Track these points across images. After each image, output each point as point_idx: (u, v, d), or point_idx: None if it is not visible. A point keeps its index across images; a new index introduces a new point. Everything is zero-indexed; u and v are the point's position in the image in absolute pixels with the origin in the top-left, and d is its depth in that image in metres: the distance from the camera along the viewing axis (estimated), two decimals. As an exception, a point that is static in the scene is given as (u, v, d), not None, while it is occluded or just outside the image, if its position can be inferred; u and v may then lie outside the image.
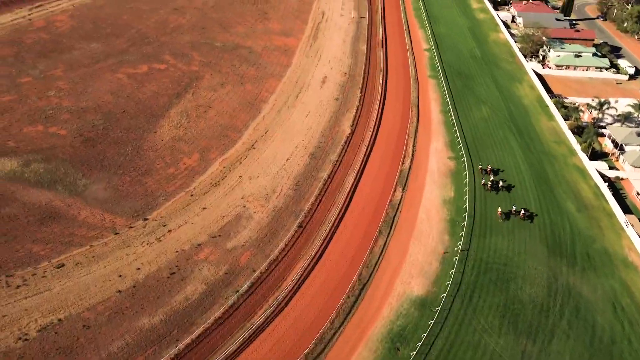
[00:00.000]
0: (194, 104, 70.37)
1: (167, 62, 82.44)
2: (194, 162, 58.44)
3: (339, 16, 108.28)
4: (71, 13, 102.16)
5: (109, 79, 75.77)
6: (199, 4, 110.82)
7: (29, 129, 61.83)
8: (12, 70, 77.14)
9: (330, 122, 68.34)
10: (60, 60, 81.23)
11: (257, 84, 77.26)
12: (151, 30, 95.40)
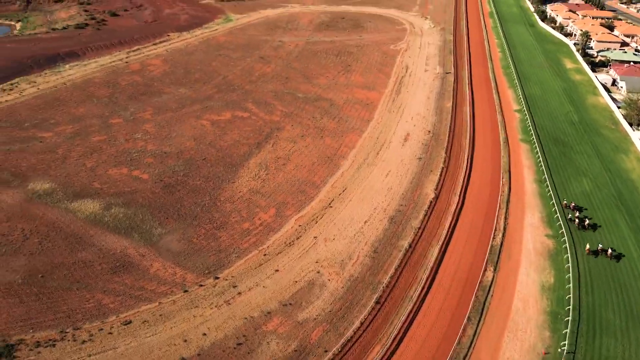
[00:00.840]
0: (274, 155, 69.19)
1: (250, 111, 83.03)
2: (270, 217, 56.17)
3: (423, 71, 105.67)
4: (164, 58, 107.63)
5: (192, 125, 77.08)
6: (284, 54, 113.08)
7: (114, 171, 63.04)
8: (105, 110, 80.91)
9: (412, 184, 64.11)
10: (150, 103, 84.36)
11: (337, 138, 75.18)
12: (237, 77, 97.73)
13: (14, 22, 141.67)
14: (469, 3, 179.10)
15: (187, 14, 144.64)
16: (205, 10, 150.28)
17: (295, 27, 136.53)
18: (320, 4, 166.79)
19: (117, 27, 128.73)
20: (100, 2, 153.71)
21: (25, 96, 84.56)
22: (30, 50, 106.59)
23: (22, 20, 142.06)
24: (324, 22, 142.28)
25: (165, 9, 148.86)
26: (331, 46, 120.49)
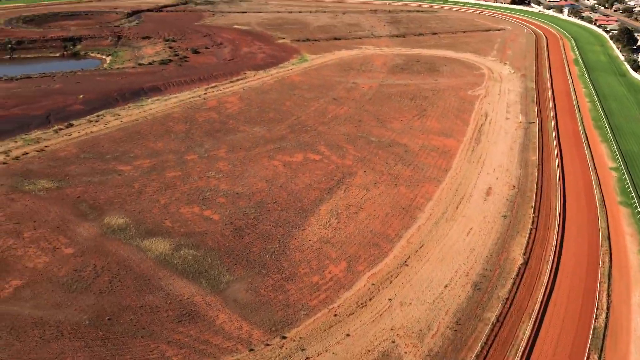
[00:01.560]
0: (345, 202, 66.18)
1: (322, 154, 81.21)
2: (340, 272, 52.59)
3: (504, 119, 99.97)
4: (241, 95, 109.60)
5: (265, 165, 76.17)
6: (357, 96, 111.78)
7: (186, 210, 62.56)
8: (181, 146, 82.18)
9: (497, 246, 58.36)
10: (225, 141, 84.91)
11: (413, 187, 71.11)
12: (310, 118, 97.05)
13: (105, 56, 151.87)
14: (551, 49, 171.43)
15: (264, 52, 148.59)
16: (282, 49, 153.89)
17: (369, 69, 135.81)
18: (395, 47, 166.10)
19: (198, 64, 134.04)
20: (184, 40, 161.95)
21: (109, 128, 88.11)
22: (117, 84, 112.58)
23: (112, 54, 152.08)
24: (398, 65, 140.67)
25: (243, 48, 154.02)
26: (405, 89, 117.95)
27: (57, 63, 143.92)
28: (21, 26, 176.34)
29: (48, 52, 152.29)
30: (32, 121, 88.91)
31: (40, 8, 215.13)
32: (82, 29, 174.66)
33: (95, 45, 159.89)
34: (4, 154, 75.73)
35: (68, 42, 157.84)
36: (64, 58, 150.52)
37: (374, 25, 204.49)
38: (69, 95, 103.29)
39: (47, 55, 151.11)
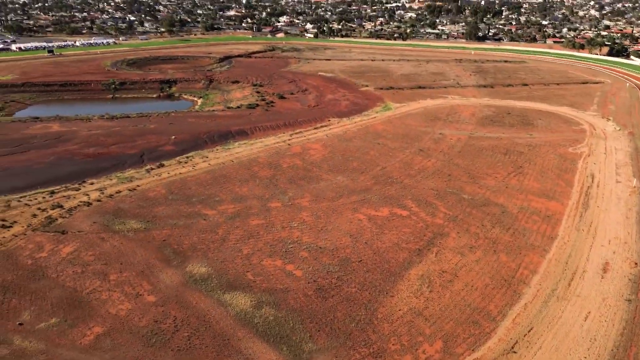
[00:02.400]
0: (438, 268, 60.19)
1: (409, 209, 76.17)
2: (436, 353, 46.37)
3: (615, 182, 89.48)
4: (324, 143, 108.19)
5: (349, 218, 72.42)
6: (445, 148, 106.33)
7: (268, 262, 59.81)
8: (265, 192, 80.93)
9: (624, 337, 49.26)
10: (308, 189, 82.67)
11: (514, 255, 63.61)
12: (396, 170, 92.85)
13: (197, 98, 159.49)
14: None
15: (348, 100, 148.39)
16: (365, 97, 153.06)
17: (457, 119, 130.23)
18: (483, 97, 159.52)
19: (283, 109, 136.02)
20: (270, 85, 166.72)
21: (197, 170, 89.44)
22: (207, 126, 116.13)
23: (203, 97, 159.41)
24: (488, 117, 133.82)
25: (327, 94, 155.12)
26: (497, 143, 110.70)
27: (153, 103, 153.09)
28: (125, 68, 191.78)
29: (146, 93, 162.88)
30: (127, 160, 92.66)
31: (142, 52, 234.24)
32: (178, 72, 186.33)
33: (188, 87, 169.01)
34: (99, 191, 78.52)
35: (164, 84, 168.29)
36: (160, 99, 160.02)
37: (459, 74, 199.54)
38: (162, 135, 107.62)
39: (146, 95, 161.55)
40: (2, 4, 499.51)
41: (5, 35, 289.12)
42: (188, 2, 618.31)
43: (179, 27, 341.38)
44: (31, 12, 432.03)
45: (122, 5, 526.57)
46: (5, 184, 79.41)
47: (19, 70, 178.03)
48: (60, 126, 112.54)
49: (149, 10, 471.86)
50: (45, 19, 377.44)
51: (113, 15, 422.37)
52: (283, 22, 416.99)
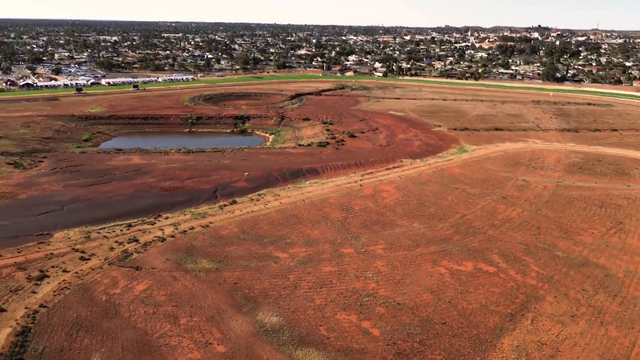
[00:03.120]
0: (535, 338, 52.95)
1: (496, 265, 69.29)
2: None
3: None
4: (397, 185, 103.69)
5: (429, 271, 66.83)
6: (531, 196, 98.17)
7: (342, 316, 55.51)
8: (337, 236, 77.38)
9: None
10: (382, 235, 78.18)
11: (627, 330, 54.95)
12: (477, 218, 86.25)
13: (268, 134, 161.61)
14: None
15: (420, 140, 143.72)
16: (438, 138, 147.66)
17: (541, 165, 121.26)
18: (567, 142, 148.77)
19: (354, 148, 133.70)
20: (341, 123, 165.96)
21: (268, 209, 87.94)
22: (278, 163, 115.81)
23: (274, 133, 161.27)
24: (576, 164, 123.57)
25: (399, 134, 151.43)
26: (590, 194, 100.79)
27: (227, 138, 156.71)
28: (202, 103, 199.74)
29: (221, 128, 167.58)
30: (201, 195, 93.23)
31: (218, 88, 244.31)
32: (251, 108, 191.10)
33: (261, 124, 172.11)
34: (173, 226, 78.66)
35: (238, 120, 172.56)
36: (233, 134, 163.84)
37: (538, 117, 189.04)
38: (236, 171, 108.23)
39: (220, 130, 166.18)
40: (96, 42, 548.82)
41: (96, 70, 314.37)
42: (261, 41, 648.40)
43: (253, 65, 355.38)
44: (120, 50, 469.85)
45: (201, 44, 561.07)
46: (87, 214, 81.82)
47: (107, 104, 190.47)
48: (141, 159, 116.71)
49: (225, 49, 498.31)
50: (132, 56, 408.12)
51: (193, 54, 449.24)
52: (352, 60, 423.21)
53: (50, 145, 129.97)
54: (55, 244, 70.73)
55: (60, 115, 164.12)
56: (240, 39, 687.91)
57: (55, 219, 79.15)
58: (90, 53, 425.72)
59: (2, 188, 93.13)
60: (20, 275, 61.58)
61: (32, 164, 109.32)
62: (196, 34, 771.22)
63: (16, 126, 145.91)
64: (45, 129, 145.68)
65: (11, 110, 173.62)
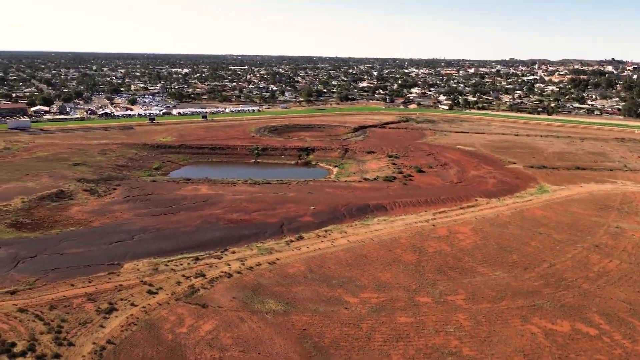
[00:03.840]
0: None
1: (598, 326, 60.56)
2: None
3: None
4: (474, 226, 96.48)
5: (518, 330, 59.37)
6: (629, 246, 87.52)
7: (424, 378, 49.57)
8: (411, 282, 71.66)
9: None
10: (461, 283, 71.48)
11: None
12: (568, 269, 77.38)
13: (332, 167, 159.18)
14: None
15: (495, 178, 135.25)
16: (514, 176, 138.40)
17: (635, 210, 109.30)
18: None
19: (423, 184, 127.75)
20: (407, 157, 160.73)
21: (336, 247, 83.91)
22: (344, 198, 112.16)
23: (339, 166, 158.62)
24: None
25: (470, 170, 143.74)
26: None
27: (292, 170, 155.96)
28: (267, 135, 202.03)
29: (285, 160, 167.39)
30: (267, 229, 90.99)
31: (283, 120, 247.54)
32: (315, 140, 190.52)
33: (325, 156, 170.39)
34: (240, 261, 76.41)
35: (302, 152, 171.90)
36: (297, 166, 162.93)
37: (624, 156, 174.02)
38: (302, 205, 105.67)
39: (285, 162, 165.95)
40: (169, 74, 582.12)
41: (168, 101, 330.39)
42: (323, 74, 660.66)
43: (316, 97, 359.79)
44: (190, 82, 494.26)
45: (265, 77, 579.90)
46: (156, 244, 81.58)
47: (177, 133, 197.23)
48: (209, 189, 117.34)
49: (288, 81, 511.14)
50: (201, 88, 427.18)
51: (258, 85, 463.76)
52: (415, 93, 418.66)
53: (124, 173, 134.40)
54: (124, 275, 70.29)
55: (133, 144, 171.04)
56: (303, 71, 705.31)
57: (126, 249, 79.37)
58: (163, 84, 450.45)
59: (78, 215, 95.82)
60: (90, 306, 60.98)
61: (106, 191, 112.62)
62: (261, 67, 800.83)
63: (94, 153, 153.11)
64: (119, 157, 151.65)
65: (90, 137, 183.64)
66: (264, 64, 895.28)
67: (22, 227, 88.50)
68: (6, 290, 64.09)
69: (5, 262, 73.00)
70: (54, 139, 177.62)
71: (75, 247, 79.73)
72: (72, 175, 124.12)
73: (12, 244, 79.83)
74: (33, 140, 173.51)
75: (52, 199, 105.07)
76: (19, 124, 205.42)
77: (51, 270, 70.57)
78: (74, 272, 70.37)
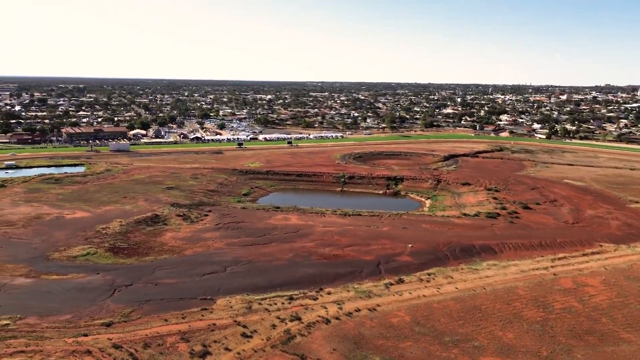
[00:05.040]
0: None
1: None
2: None
3: None
4: (605, 278, 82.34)
5: None
6: None
7: None
8: (541, 347, 60.35)
9: None
10: (604, 354, 58.93)
11: None
12: None
13: (424, 199, 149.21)
14: None
15: (617, 219, 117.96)
16: None
17: None
18: None
19: (532, 223, 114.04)
20: (508, 191, 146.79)
21: (442, 294, 74.42)
22: (444, 235, 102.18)
23: (431, 198, 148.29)
24: None
25: (586, 209, 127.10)
26: None
27: (380, 200, 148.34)
28: (352, 162, 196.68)
29: (373, 189, 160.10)
30: (363, 267, 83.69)
31: (367, 147, 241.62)
32: (403, 169, 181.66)
33: (415, 186, 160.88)
34: (337, 305, 69.55)
35: (391, 181, 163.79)
36: (386, 196, 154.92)
37: None
38: (397, 241, 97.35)
39: (372, 191, 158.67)
40: (254, 100, 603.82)
41: (254, 126, 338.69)
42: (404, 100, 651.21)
43: (399, 123, 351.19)
44: (274, 107, 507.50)
45: (346, 103, 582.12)
46: (248, 279, 77.28)
47: (264, 159, 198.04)
48: (298, 219, 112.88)
49: (369, 107, 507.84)
50: (284, 114, 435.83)
51: (339, 112, 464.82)
52: (505, 120, 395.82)
53: (215, 199, 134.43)
54: (217, 312, 66.05)
55: (223, 169, 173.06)
56: (383, 97, 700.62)
57: (218, 282, 75.76)
58: (249, 110, 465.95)
59: (172, 242, 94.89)
60: (183, 347, 56.91)
61: (198, 217, 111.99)
62: (340, 93, 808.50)
63: (186, 177, 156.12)
64: (210, 181, 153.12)
65: (182, 161, 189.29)
66: (343, 90, 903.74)
67: (119, 252, 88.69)
68: (102, 322, 62.12)
69: (103, 289, 72.06)
70: (150, 162, 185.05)
71: (169, 276, 77.55)
72: (166, 199, 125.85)
73: (109, 270, 79.45)
74: (131, 162, 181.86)
75: (148, 223, 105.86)
76: (119, 146, 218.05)
77: (145, 302, 68.23)
78: (167, 305, 67.45)
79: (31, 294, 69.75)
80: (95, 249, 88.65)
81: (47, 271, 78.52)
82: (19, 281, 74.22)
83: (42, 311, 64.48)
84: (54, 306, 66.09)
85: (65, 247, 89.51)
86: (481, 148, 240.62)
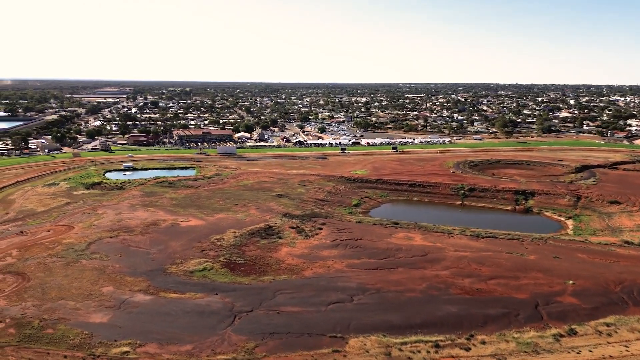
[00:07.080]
0: None
1: None
2: None
3: None
4: None
5: None
6: None
7: None
8: None
9: None
10: None
11: None
12: None
13: (564, 218, 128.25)
14: None
15: None
16: None
17: None
18: None
19: None
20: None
21: (635, 357, 57.34)
22: (612, 271, 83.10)
23: (573, 218, 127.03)
24: None
25: None
26: None
27: (509, 217, 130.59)
28: (468, 171, 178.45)
29: (498, 204, 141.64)
30: (518, 308, 68.64)
31: (481, 153, 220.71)
32: (532, 181, 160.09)
33: (549, 203, 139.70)
34: (494, 357, 55.86)
35: (519, 196, 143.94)
36: (514, 212, 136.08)
37: None
38: (551, 275, 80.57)
39: (498, 207, 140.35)
40: (350, 103, 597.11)
41: (354, 130, 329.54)
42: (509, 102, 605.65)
43: (512, 128, 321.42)
44: (372, 110, 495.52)
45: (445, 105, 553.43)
46: (381, 314, 66.10)
47: (370, 165, 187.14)
48: (423, 239, 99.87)
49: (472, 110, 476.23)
50: (383, 117, 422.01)
51: (441, 114, 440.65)
52: (636, 126, 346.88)
53: (325, 209, 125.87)
54: (351, 357, 55.73)
55: (329, 176, 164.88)
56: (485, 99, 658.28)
57: (347, 315, 65.54)
58: (346, 113, 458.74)
59: (289, 259, 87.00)
60: (320, 405, 47.15)
61: (312, 230, 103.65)
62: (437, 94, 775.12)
63: (294, 184, 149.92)
64: (318, 190, 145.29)
65: (287, 166, 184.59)
66: (438, 92, 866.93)
67: (235, 268, 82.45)
68: (225, 358, 54.66)
69: (223, 314, 65.18)
70: (257, 167, 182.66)
71: (291, 303, 68.96)
72: (277, 209, 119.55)
73: (227, 291, 72.85)
74: (239, 167, 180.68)
75: (262, 235, 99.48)
76: (226, 149, 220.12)
77: (269, 335, 59.94)
78: (294, 342, 58.51)
79: (150, 316, 64.75)
80: (211, 263, 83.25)
81: (166, 287, 73.90)
82: (138, 298, 70.10)
83: (162, 338, 58.79)
84: (174, 332, 60.19)
85: (182, 259, 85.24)
86: (618, 158, 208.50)
